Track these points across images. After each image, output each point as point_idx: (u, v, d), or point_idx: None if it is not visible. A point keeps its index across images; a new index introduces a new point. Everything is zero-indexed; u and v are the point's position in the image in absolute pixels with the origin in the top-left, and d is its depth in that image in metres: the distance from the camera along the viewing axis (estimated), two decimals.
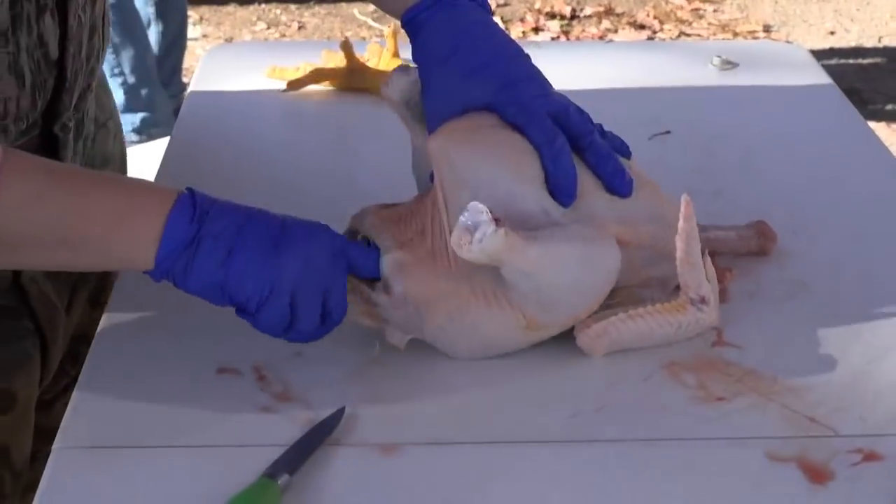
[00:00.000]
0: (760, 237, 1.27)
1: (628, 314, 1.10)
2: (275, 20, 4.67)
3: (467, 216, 0.99)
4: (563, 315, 1.09)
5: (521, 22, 4.62)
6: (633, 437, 1.03)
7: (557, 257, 1.04)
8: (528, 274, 1.03)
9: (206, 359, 1.12)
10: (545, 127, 1.12)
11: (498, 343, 1.10)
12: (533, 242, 1.03)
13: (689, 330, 1.12)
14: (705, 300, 1.11)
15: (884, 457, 1.01)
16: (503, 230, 0.99)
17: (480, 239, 0.98)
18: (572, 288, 1.07)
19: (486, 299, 1.07)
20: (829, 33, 4.56)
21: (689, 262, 1.09)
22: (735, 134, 1.57)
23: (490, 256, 1.00)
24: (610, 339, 1.10)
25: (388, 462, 1.00)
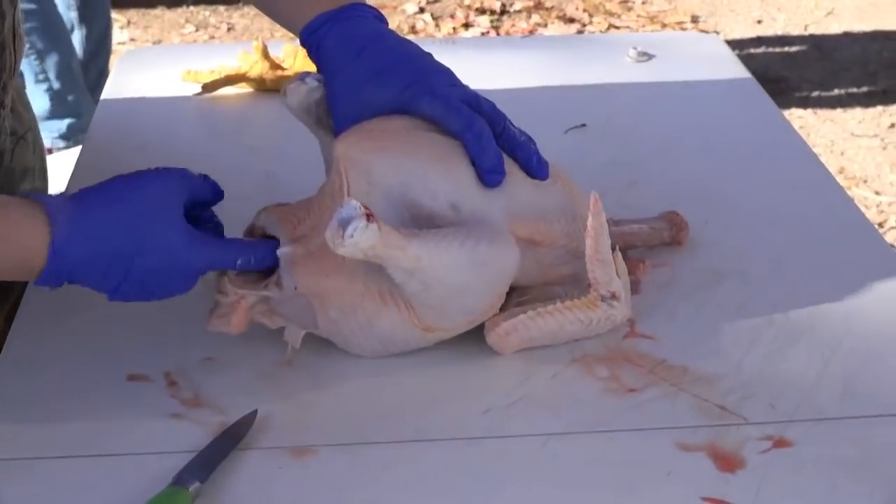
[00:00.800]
0: (673, 227, 1.28)
1: (537, 311, 1.10)
2: (203, 22, 4.64)
3: (340, 212, 0.99)
4: (455, 316, 1.08)
5: (451, 18, 4.61)
6: (545, 431, 1.03)
7: (442, 255, 1.03)
8: (412, 271, 1.03)
9: (115, 366, 1.11)
10: (462, 112, 1.12)
11: (395, 341, 1.09)
12: (413, 239, 1.02)
13: (601, 326, 1.13)
14: (616, 296, 1.11)
15: (793, 443, 1.02)
16: (375, 225, 0.98)
17: (351, 234, 0.97)
18: (462, 288, 1.06)
19: (380, 297, 1.06)
20: (757, 22, 4.58)
21: (598, 258, 1.09)
22: (650, 125, 1.58)
23: (365, 252, 0.99)
24: (519, 337, 1.10)
25: (300, 465, 1.00)
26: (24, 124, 1.36)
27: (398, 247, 1.01)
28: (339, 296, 1.07)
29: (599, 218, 1.09)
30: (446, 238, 1.04)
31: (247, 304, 1.09)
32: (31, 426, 1.04)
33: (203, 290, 1.11)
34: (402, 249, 1.01)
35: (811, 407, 1.06)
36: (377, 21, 1.19)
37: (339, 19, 1.17)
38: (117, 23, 4.47)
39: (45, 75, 3.51)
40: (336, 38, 1.16)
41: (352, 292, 1.06)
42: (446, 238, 1.04)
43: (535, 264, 1.13)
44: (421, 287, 1.04)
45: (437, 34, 4.48)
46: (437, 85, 1.14)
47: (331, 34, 1.16)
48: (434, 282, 1.04)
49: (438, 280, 1.04)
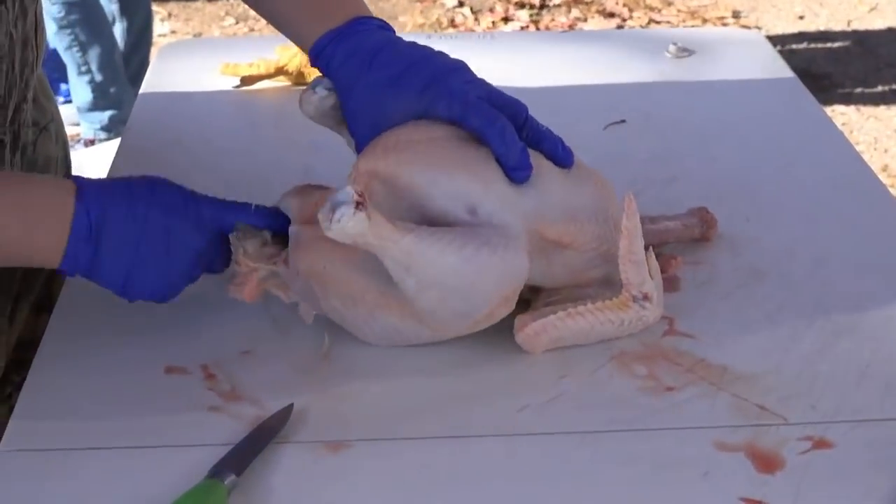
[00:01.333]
0: (703, 224, 1.27)
1: (567, 312, 1.09)
2: (243, 15, 4.65)
3: (335, 195, 0.98)
4: (450, 319, 1.07)
5: (491, 12, 4.61)
6: (581, 429, 1.03)
7: (438, 254, 1.02)
8: (406, 268, 1.02)
9: (153, 358, 1.12)
10: (483, 110, 1.11)
11: (402, 335, 1.09)
12: (408, 234, 1.01)
13: (632, 327, 1.12)
14: (648, 297, 1.10)
15: (834, 444, 1.01)
16: (364, 213, 0.97)
17: (339, 219, 0.96)
18: (457, 291, 1.04)
19: (381, 295, 1.06)
20: (799, 18, 4.56)
21: (631, 259, 1.08)
22: (690, 121, 1.57)
23: (353, 238, 0.98)
24: (549, 337, 1.10)
25: (336, 459, 1.00)
26: (46, 115, 1.36)
27: (390, 238, 1.00)
28: (338, 285, 1.07)
29: (634, 219, 1.08)
30: (445, 238, 1.03)
31: (259, 276, 1.11)
32: (67, 418, 1.05)
33: None
34: (395, 242, 1.00)
35: (852, 408, 1.05)
36: (382, 30, 1.18)
37: (345, 35, 1.16)
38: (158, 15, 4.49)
39: (87, 67, 3.54)
40: (345, 52, 1.15)
41: (352, 285, 1.06)
42: (445, 238, 1.03)
43: (563, 268, 1.12)
44: (416, 286, 1.03)
45: (476, 28, 4.47)
46: (453, 85, 1.13)
47: (339, 50, 1.16)
48: (429, 280, 1.02)
49: (433, 280, 1.02)
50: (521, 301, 1.12)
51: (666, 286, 1.19)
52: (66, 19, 3.41)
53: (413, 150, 1.10)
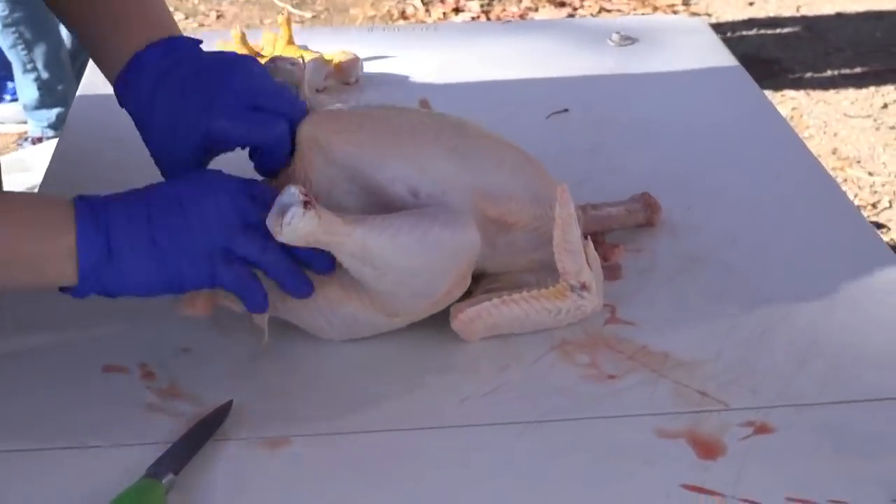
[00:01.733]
0: (647, 209, 1.28)
1: (502, 299, 1.09)
2: (193, 10, 4.62)
3: (281, 198, 0.98)
4: (411, 301, 1.07)
5: (442, 3, 4.60)
6: (523, 419, 1.02)
7: (391, 239, 1.02)
8: (361, 258, 1.02)
9: (91, 357, 1.11)
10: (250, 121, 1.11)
11: (360, 325, 1.09)
12: (358, 225, 1.01)
13: (570, 316, 1.11)
14: (586, 286, 1.10)
15: (775, 429, 1.01)
16: (313, 212, 0.96)
17: (289, 221, 0.96)
18: (415, 272, 1.04)
19: (340, 286, 1.06)
20: (749, 4, 4.57)
21: (567, 248, 1.08)
22: (632, 110, 1.57)
23: (305, 239, 0.98)
24: (484, 324, 1.09)
25: (276, 456, 0.99)
26: None
27: (342, 233, 0.99)
28: None
29: (567, 208, 1.07)
30: (396, 222, 1.03)
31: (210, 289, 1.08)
32: (5, 419, 1.03)
33: None
34: (348, 235, 1.00)
35: (792, 392, 1.05)
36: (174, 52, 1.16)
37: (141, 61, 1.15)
38: None
39: (33, 65, 3.50)
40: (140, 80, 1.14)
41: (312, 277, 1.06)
42: (396, 222, 1.03)
43: (507, 247, 1.12)
44: (374, 273, 1.03)
45: (427, 19, 4.46)
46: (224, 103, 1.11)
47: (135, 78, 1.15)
48: (386, 266, 1.02)
49: (390, 264, 1.03)
50: None
51: (608, 274, 1.19)
52: (11, 17, 3.38)
53: (353, 129, 1.10)
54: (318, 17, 4.53)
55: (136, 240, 1.00)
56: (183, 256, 1.01)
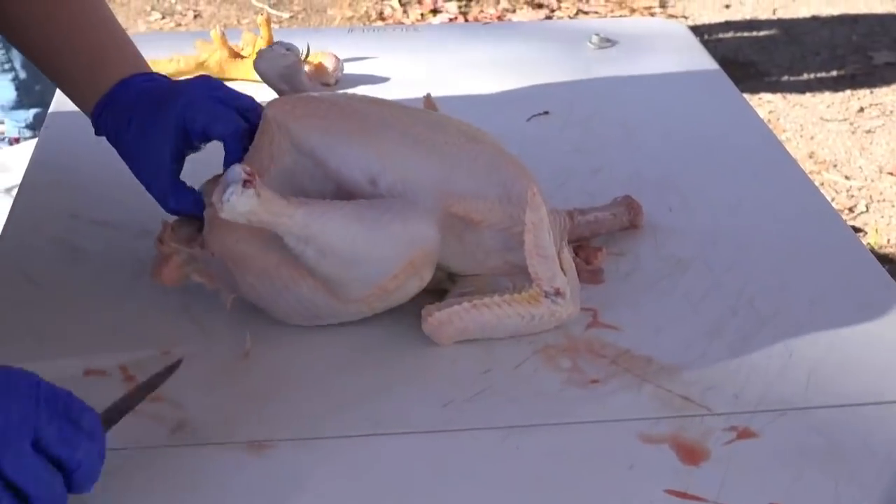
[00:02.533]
0: (630, 212, 1.28)
1: (473, 304, 1.09)
2: (170, 10, 4.60)
3: (226, 175, 0.98)
4: (355, 287, 1.07)
5: (419, 4, 4.59)
6: (506, 423, 1.02)
7: (335, 223, 1.02)
8: (305, 240, 1.02)
9: (72, 360, 1.09)
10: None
11: (319, 310, 1.09)
12: (301, 207, 1.01)
13: (545, 322, 1.11)
14: (560, 292, 1.09)
15: (758, 434, 1.01)
16: (253, 191, 0.97)
17: (228, 199, 0.97)
18: (360, 258, 1.04)
19: (296, 268, 1.06)
20: (725, 7, 4.58)
21: (539, 254, 1.07)
22: (612, 113, 1.57)
23: (246, 217, 0.98)
24: (455, 329, 1.09)
25: (259, 460, 0.98)
26: None
27: (285, 214, 1.00)
28: (251, 262, 1.07)
29: (537, 212, 1.07)
30: (344, 209, 1.03)
31: (179, 259, 1.10)
32: None
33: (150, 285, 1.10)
34: (290, 217, 1.00)
35: (776, 397, 1.05)
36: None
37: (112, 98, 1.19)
38: None
39: (10, 65, 3.47)
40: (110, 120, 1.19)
41: (265, 260, 1.06)
42: (344, 209, 1.03)
43: (476, 246, 1.11)
44: (316, 255, 1.03)
45: (405, 20, 4.46)
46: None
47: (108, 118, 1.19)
48: (329, 250, 1.03)
49: (333, 249, 1.03)
50: (438, 291, 1.12)
51: (590, 278, 1.19)
52: None
53: (320, 115, 1.10)
54: (295, 17, 4.52)
55: None
56: None
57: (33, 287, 1.20)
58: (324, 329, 1.11)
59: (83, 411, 0.92)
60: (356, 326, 1.12)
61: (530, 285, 1.09)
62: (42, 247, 1.26)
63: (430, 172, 1.09)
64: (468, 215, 1.10)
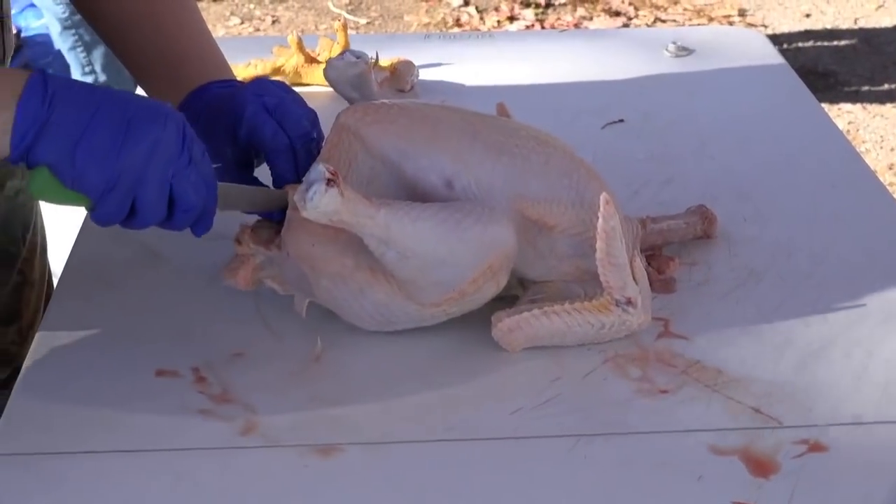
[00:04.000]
0: (704, 221, 1.27)
1: (543, 310, 1.08)
2: (248, 15, 4.64)
3: (308, 174, 0.98)
4: (431, 290, 1.07)
5: (496, 11, 4.60)
6: (574, 432, 1.02)
7: (416, 224, 1.02)
8: (385, 241, 1.02)
9: (144, 361, 1.11)
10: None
11: (393, 314, 1.09)
12: (383, 207, 1.01)
13: (615, 331, 1.10)
14: (632, 302, 1.09)
15: (829, 448, 1.00)
16: (336, 190, 0.97)
17: (311, 197, 0.96)
18: (438, 261, 1.04)
19: (371, 272, 1.06)
20: (805, 16, 4.54)
21: (610, 262, 1.07)
22: (688, 121, 1.56)
23: (329, 217, 0.98)
24: (524, 335, 1.09)
25: (327, 463, 0.99)
26: None
27: (366, 214, 1.00)
28: (327, 264, 1.06)
29: (611, 220, 1.06)
30: (425, 210, 1.03)
31: (255, 261, 1.11)
32: (57, 421, 1.04)
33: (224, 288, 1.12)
34: (371, 217, 1.00)
35: (848, 411, 1.04)
36: None
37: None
38: None
39: (91, 67, 3.53)
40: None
41: (341, 264, 1.06)
42: (425, 210, 1.03)
43: (549, 251, 1.11)
44: (397, 257, 1.03)
45: (481, 27, 4.46)
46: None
47: None
48: (409, 252, 1.03)
49: (413, 250, 1.03)
50: (509, 297, 1.12)
51: (662, 287, 1.19)
52: (71, 20, 3.41)
53: (391, 120, 1.11)
54: (372, 23, 4.55)
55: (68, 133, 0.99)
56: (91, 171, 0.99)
57: (108, 289, 1.22)
58: (393, 334, 1.12)
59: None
60: (426, 332, 1.12)
61: (602, 292, 1.09)
62: (117, 249, 1.28)
63: (504, 175, 1.10)
64: (542, 219, 1.10)
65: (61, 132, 0.98)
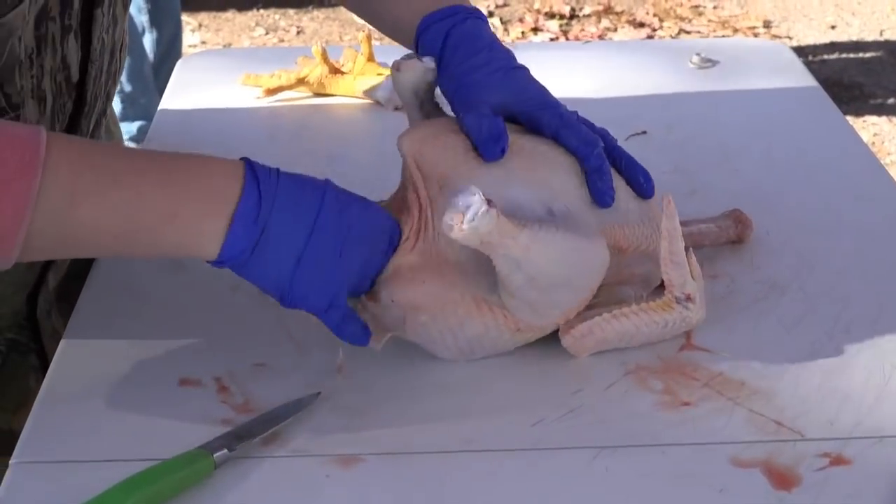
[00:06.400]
0: (738, 225, 1.27)
1: (613, 314, 1.09)
2: (273, 25, 4.66)
3: (459, 197, 0.98)
4: (549, 312, 1.08)
5: (521, 22, 4.60)
6: (596, 444, 1.02)
7: (549, 245, 1.03)
8: (519, 262, 1.02)
9: (167, 370, 1.11)
10: (582, 132, 1.13)
11: (484, 344, 1.09)
12: (524, 228, 1.01)
13: (676, 328, 1.12)
14: (691, 298, 1.10)
15: (851, 461, 0.99)
16: (495, 211, 0.97)
17: (472, 218, 0.96)
18: (562, 282, 1.05)
19: (475, 304, 1.06)
20: (831, 27, 4.53)
21: (673, 260, 1.09)
22: (711, 133, 1.56)
23: (481, 238, 0.98)
24: (595, 339, 1.10)
25: (348, 473, 0.99)
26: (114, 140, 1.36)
27: (510, 235, 1.00)
28: (432, 301, 1.06)
29: (673, 220, 1.08)
30: (551, 230, 1.04)
31: None
32: (80, 429, 1.05)
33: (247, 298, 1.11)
34: (514, 238, 1.00)
35: (871, 425, 1.03)
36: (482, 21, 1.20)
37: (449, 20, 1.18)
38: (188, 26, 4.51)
39: None
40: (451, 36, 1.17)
41: (446, 299, 1.06)
42: (551, 230, 1.04)
43: (616, 267, 1.12)
44: (525, 280, 1.03)
45: (505, 39, 4.47)
46: (552, 100, 1.16)
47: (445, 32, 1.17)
48: (538, 274, 1.03)
49: (542, 272, 1.03)
50: None
51: None
52: None
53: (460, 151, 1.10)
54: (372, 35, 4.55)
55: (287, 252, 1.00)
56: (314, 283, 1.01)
57: (132, 298, 1.22)
58: (412, 347, 1.12)
59: None
60: None
61: (649, 293, 1.10)
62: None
63: (587, 199, 1.11)
64: (618, 243, 1.11)
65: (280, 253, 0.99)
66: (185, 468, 0.96)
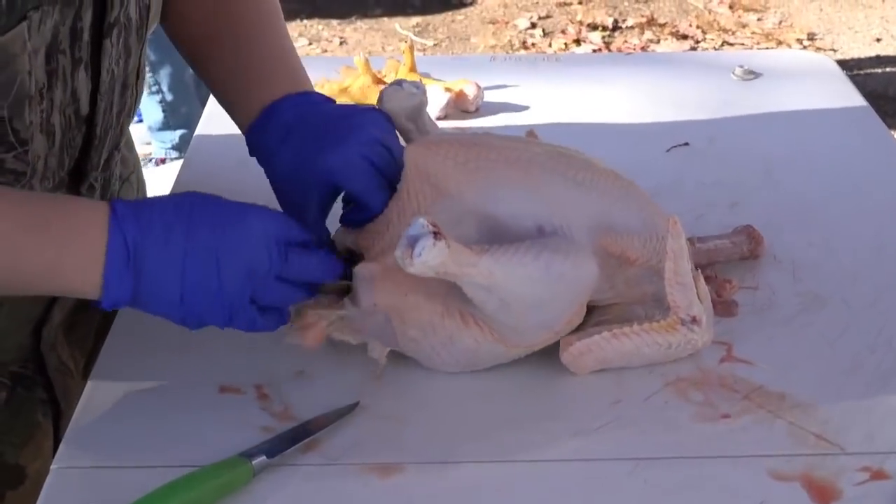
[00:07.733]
0: (751, 241, 1.27)
1: (613, 333, 1.08)
2: (316, 36, 4.68)
3: (409, 230, 0.97)
4: (533, 332, 1.07)
5: (563, 34, 4.60)
6: (635, 455, 1.01)
7: (516, 268, 1.02)
8: (488, 288, 1.01)
9: (208, 378, 1.12)
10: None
11: (479, 357, 1.09)
12: (484, 254, 1.00)
13: (680, 350, 1.10)
14: (697, 321, 1.09)
15: (892, 476, 0.99)
16: (444, 242, 0.96)
17: (420, 253, 0.96)
18: (539, 302, 1.04)
19: (461, 317, 1.06)
20: (876, 40, 4.50)
21: (678, 281, 1.07)
22: (754, 145, 1.55)
23: (435, 270, 0.97)
24: (594, 357, 1.09)
25: (387, 482, 0.99)
26: (128, 167, 1.37)
27: (469, 263, 0.99)
28: (417, 313, 1.06)
29: (679, 240, 1.07)
30: (519, 252, 1.02)
31: (324, 323, 1.08)
32: (121, 435, 1.05)
33: None
34: (474, 266, 0.99)
35: None
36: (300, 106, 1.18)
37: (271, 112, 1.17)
38: None
39: (158, 87, 3.57)
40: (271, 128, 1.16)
41: (431, 311, 1.06)
42: (519, 252, 1.02)
43: (624, 283, 1.11)
44: (499, 304, 1.03)
45: (547, 50, 4.47)
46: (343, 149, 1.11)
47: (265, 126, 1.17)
48: (511, 297, 1.02)
49: (515, 295, 1.02)
50: None
51: (723, 311, 1.18)
52: None
53: (464, 160, 1.10)
54: (439, 45, 4.57)
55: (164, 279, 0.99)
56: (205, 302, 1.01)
57: None
58: None
59: None
60: None
61: (662, 313, 1.09)
62: None
63: (589, 211, 1.10)
64: (624, 254, 1.10)
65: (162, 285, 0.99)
66: (223, 475, 0.97)
